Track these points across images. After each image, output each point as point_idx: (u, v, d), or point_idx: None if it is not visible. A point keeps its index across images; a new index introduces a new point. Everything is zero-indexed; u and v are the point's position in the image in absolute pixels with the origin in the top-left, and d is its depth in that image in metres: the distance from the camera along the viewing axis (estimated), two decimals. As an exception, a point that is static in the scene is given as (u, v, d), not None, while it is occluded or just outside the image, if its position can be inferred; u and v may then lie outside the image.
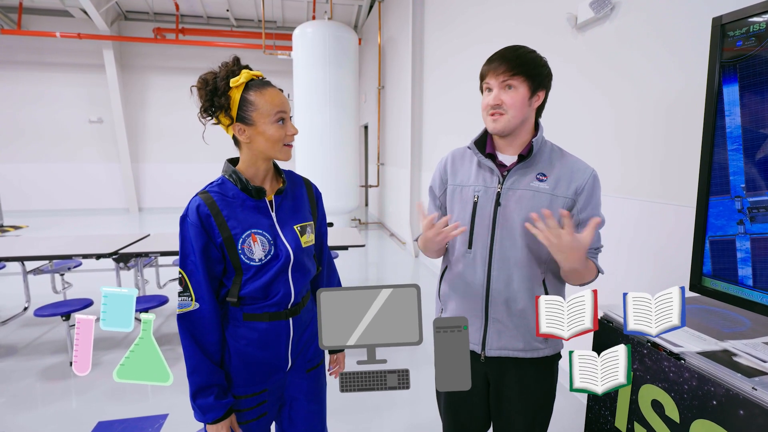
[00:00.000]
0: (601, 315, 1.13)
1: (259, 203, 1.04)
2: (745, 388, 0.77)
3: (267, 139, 0.99)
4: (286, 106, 1.02)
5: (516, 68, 0.99)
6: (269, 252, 1.02)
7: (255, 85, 0.99)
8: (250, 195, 1.03)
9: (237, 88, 0.98)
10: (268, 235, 1.02)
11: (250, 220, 1.01)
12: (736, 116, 0.97)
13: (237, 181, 1.03)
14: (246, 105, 0.98)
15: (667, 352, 0.92)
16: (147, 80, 9.21)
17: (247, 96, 0.98)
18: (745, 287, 0.98)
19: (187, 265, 0.98)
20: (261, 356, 1.05)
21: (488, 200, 1.07)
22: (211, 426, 1.00)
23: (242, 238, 0.99)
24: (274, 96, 1.00)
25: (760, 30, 0.91)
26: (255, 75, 1.02)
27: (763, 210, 0.92)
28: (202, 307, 0.98)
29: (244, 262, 1.00)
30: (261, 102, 0.98)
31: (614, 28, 2.00)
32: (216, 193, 1.01)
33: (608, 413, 1.09)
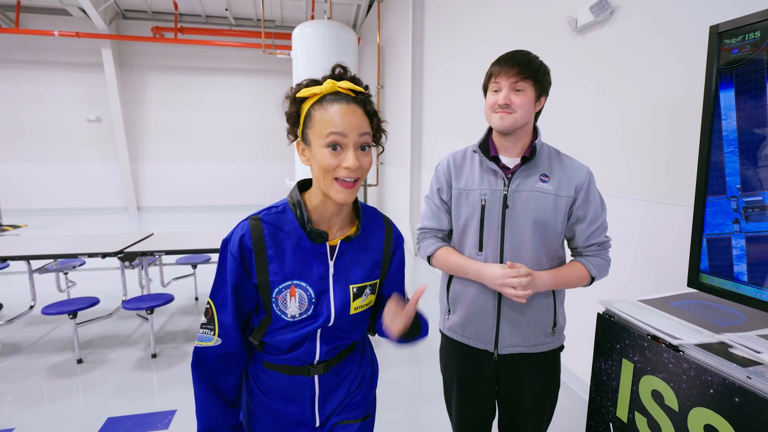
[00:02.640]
0: (603, 310, 1.17)
1: (318, 248, 0.86)
2: (740, 377, 0.82)
3: (318, 166, 0.80)
4: (348, 128, 0.78)
5: (526, 72, 1.04)
6: (306, 311, 0.86)
7: (330, 99, 0.80)
8: (309, 237, 0.85)
9: (309, 100, 0.81)
10: (312, 291, 0.86)
11: (297, 268, 0.85)
12: (732, 120, 1.01)
13: (298, 215, 0.85)
14: (307, 120, 0.81)
15: (667, 344, 0.96)
16: (146, 79, 9.21)
17: (311, 110, 0.80)
18: (741, 283, 1.02)
19: (218, 297, 0.87)
20: (283, 408, 0.93)
21: (495, 203, 1.11)
22: None
23: (279, 288, 0.85)
24: (338, 113, 0.78)
25: (755, 38, 0.95)
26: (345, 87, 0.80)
27: (757, 210, 0.97)
28: (225, 344, 0.86)
29: (276, 313, 0.86)
30: (320, 118, 0.79)
31: (614, 31, 2.05)
32: (269, 224, 0.85)
33: (610, 404, 1.13)
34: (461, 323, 1.20)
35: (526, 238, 1.11)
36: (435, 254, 1.20)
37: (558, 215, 1.12)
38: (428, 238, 1.24)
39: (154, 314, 2.79)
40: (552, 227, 1.12)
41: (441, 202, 1.20)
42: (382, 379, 2.32)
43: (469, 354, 1.20)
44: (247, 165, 9.84)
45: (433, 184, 1.21)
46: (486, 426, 1.28)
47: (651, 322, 1.05)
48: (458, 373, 1.24)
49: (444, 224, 1.22)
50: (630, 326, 1.07)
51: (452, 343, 1.24)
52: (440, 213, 1.21)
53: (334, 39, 6.17)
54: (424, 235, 1.25)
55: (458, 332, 1.21)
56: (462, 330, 1.20)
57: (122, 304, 2.73)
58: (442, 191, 1.19)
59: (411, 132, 5.40)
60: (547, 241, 1.14)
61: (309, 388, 0.93)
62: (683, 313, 1.12)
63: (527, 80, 1.05)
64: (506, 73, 1.05)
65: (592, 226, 1.15)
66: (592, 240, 1.16)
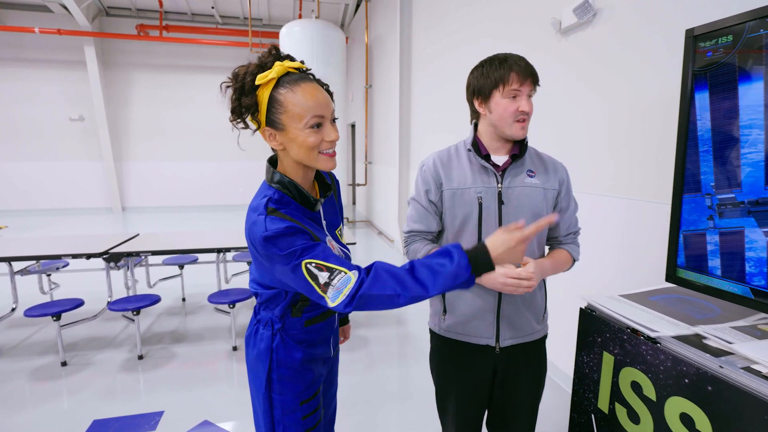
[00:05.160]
0: (585, 305, 1.20)
1: (315, 215, 0.95)
2: (713, 366, 0.85)
3: (300, 147, 0.85)
4: (325, 107, 0.85)
5: (536, 81, 1.08)
6: None
7: (288, 81, 0.83)
8: (309, 207, 0.92)
9: (266, 87, 0.83)
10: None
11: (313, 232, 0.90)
12: (707, 120, 1.05)
13: (295, 194, 0.90)
14: (274, 106, 0.83)
15: (645, 336, 1.00)
16: (130, 77, 9.07)
17: (276, 95, 0.83)
18: (715, 277, 1.07)
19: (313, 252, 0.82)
20: (318, 353, 1.05)
21: (492, 200, 1.12)
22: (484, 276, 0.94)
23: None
24: (308, 94, 0.83)
25: (728, 42, 0.99)
26: (292, 67, 0.84)
27: (730, 206, 1.01)
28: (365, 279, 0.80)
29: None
30: (291, 102, 0.82)
31: (597, 33, 2.09)
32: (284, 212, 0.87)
33: (591, 396, 1.17)
34: (461, 322, 1.19)
35: None
36: None
37: (548, 208, 1.17)
38: (417, 242, 1.22)
39: (141, 315, 2.76)
40: None
41: (429, 204, 1.19)
42: (372, 376, 2.30)
43: (471, 350, 1.21)
44: (234, 164, 9.75)
45: (420, 185, 1.19)
46: (480, 420, 1.30)
47: (630, 315, 1.08)
48: (458, 372, 1.23)
49: (432, 226, 1.20)
50: (610, 320, 1.11)
51: (450, 343, 1.23)
52: (428, 215, 1.19)
53: (322, 38, 6.16)
54: (412, 238, 1.23)
55: (458, 331, 1.20)
56: (462, 329, 1.20)
57: (108, 306, 2.70)
58: (430, 192, 1.17)
59: (399, 131, 5.42)
60: (540, 233, 1.18)
61: (333, 324, 1.10)
62: (661, 306, 1.15)
63: (535, 88, 1.09)
64: (529, 82, 1.07)
65: (573, 217, 1.23)
66: (572, 229, 1.25)
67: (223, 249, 2.95)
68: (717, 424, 0.84)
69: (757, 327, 1.00)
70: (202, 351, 2.84)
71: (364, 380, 2.50)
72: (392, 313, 3.57)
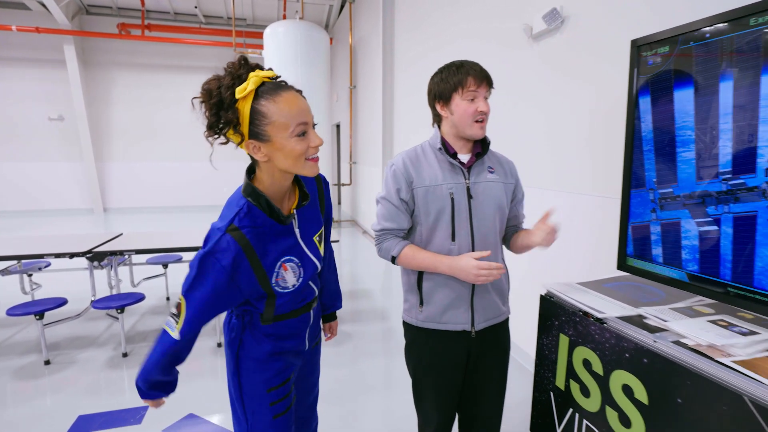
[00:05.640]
0: (545, 292, 1.31)
1: (285, 227, 0.97)
2: (648, 341, 0.96)
3: (287, 156, 0.86)
4: (307, 114, 0.87)
5: (491, 84, 1.18)
6: (300, 275, 0.99)
7: (267, 92, 0.83)
8: (279, 222, 0.94)
9: (245, 100, 0.82)
10: (296, 259, 0.99)
11: (279, 249, 0.95)
12: (649, 122, 1.16)
13: (266, 209, 0.91)
14: (258, 118, 0.83)
15: (594, 318, 1.10)
16: (111, 77, 8.96)
17: (258, 107, 0.83)
18: (657, 264, 1.18)
19: (190, 300, 0.90)
20: (289, 346, 1.09)
21: (462, 195, 1.21)
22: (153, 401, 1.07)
23: (275, 272, 0.94)
24: (291, 103, 0.84)
25: (665, 51, 1.10)
26: (266, 76, 0.84)
27: (669, 200, 1.12)
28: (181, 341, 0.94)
29: (278, 291, 0.97)
30: (276, 112, 0.83)
31: (565, 39, 2.21)
32: (247, 228, 0.89)
33: (550, 375, 1.27)
34: (439, 312, 1.26)
35: (490, 223, 1.23)
36: (401, 254, 1.24)
37: (508, 200, 1.29)
38: (390, 239, 1.28)
39: (125, 314, 2.79)
40: (505, 210, 1.28)
41: (400, 202, 1.24)
42: (355, 369, 2.37)
43: (448, 337, 1.28)
44: (218, 164, 9.70)
45: (390, 185, 1.24)
46: (455, 404, 1.37)
47: (583, 300, 1.19)
48: (436, 359, 1.30)
49: (404, 224, 1.26)
50: (566, 305, 1.21)
51: (428, 333, 1.29)
52: (399, 213, 1.25)
53: (306, 39, 6.21)
54: (384, 236, 1.29)
55: (436, 320, 1.27)
56: (440, 318, 1.26)
57: (92, 304, 2.72)
58: (401, 191, 1.23)
59: (383, 131, 5.51)
60: (502, 222, 1.29)
61: (307, 321, 1.12)
62: (613, 292, 1.26)
63: (491, 90, 1.19)
64: (485, 85, 1.16)
65: (523, 204, 1.39)
66: (524, 214, 1.40)
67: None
68: (652, 392, 0.94)
69: (692, 308, 1.12)
70: (186, 348, 2.88)
71: (348, 373, 2.57)
72: (376, 309, 3.65)
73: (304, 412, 1.27)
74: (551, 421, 1.27)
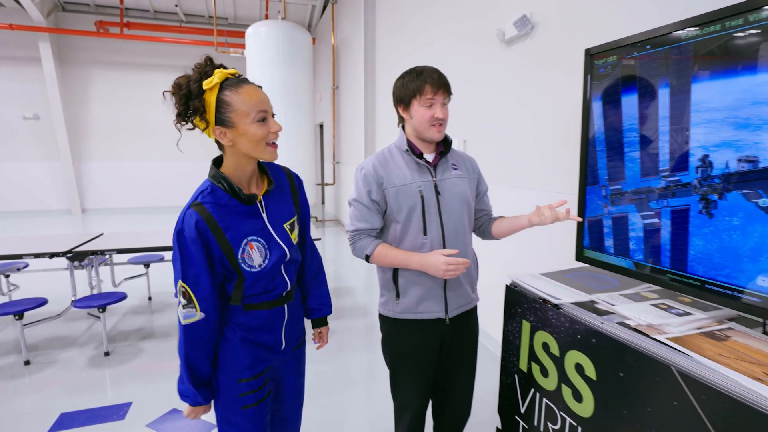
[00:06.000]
0: (510, 282, 1.41)
1: (250, 208, 1.05)
2: (596, 323, 1.06)
3: (249, 140, 0.97)
4: (267, 103, 0.99)
5: (449, 91, 1.26)
6: (266, 256, 1.06)
7: (230, 85, 0.96)
8: (242, 202, 1.02)
9: (211, 90, 0.95)
10: (263, 240, 1.06)
11: (245, 227, 1.03)
12: (601, 125, 1.27)
13: (228, 189, 1.01)
14: (223, 106, 0.95)
15: (551, 304, 1.20)
16: (89, 75, 8.80)
17: (223, 97, 0.95)
18: (609, 254, 1.29)
19: (189, 278, 0.98)
20: (262, 339, 1.12)
21: (430, 192, 1.30)
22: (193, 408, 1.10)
23: (241, 248, 1.01)
24: (252, 94, 0.96)
25: (613, 61, 1.21)
26: (229, 73, 0.98)
27: (618, 195, 1.23)
28: (208, 316, 1.01)
29: (245, 269, 1.03)
30: (238, 101, 0.95)
31: (534, 45, 2.33)
32: (209, 203, 0.99)
33: (515, 359, 1.37)
34: (416, 303, 1.34)
35: (458, 216, 1.32)
36: (374, 253, 1.31)
37: (472, 193, 1.38)
38: (363, 239, 1.35)
39: (106, 314, 2.79)
40: (471, 203, 1.37)
41: (372, 203, 1.30)
42: (339, 363, 2.42)
43: (424, 326, 1.36)
44: (200, 164, 9.62)
45: (361, 187, 1.31)
46: (430, 389, 1.46)
47: (543, 288, 1.29)
48: (413, 348, 1.38)
49: (376, 223, 1.34)
50: (528, 293, 1.31)
51: (405, 323, 1.37)
52: (371, 213, 1.32)
53: (288, 39, 6.23)
54: (358, 236, 1.35)
55: (412, 311, 1.35)
56: (416, 308, 1.34)
57: (73, 303, 2.72)
58: (371, 192, 1.30)
59: (365, 132, 5.58)
60: (470, 215, 1.38)
61: (281, 316, 1.15)
62: (572, 281, 1.37)
63: (450, 97, 1.27)
64: (442, 92, 1.24)
65: (488, 196, 1.48)
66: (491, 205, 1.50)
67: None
68: (600, 368, 1.04)
69: (640, 294, 1.23)
70: (170, 346, 2.90)
71: (331, 367, 2.64)
72: (359, 305, 3.73)
73: (287, 413, 1.29)
74: (516, 402, 1.37)
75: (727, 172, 0.95)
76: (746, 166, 0.91)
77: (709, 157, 0.98)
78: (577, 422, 1.12)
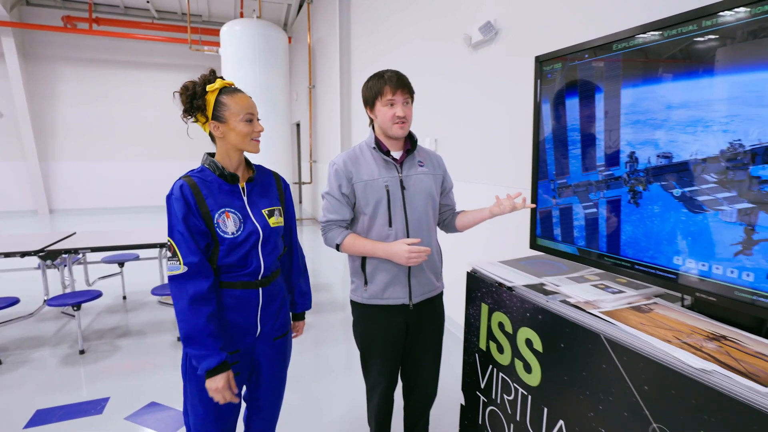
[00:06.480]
0: (471, 269, 1.53)
1: (233, 187, 1.23)
2: (542, 302, 1.19)
3: (237, 134, 1.19)
4: (254, 108, 1.22)
5: (411, 91, 1.37)
6: (240, 228, 1.20)
7: (227, 91, 1.19)
8: (226, 180, 1.21)
9: (212, 93, 1.18)
10: (239, 214, 1.21)
11: (224, 201, 1.20)
12: (549, 125, 1.41)
13: (215, 169, 1.21)
14: (220, 106, 1.18)
15: (506, 287, 1.33)
16: (56, 72, 8.55)
17: (220, 99, 1.18)
18: (557, 242, 1.43)
19: (174, 234, 1.14)
20: (234, 319, 1.22)
21: (396, 187, 1.40)
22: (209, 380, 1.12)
23: (218, 213, 1.17)
24: (243, 99, 1.20)
25: (558, 68, 1.35)
26: (227, 83, 1.22)
27: (564, 188, 1.37)
28: (190, 268, 1.12)
29: (220, 235, 1.17)
30: (232, 104, 1.18)
31: (498, 49, 2.47)
32: (197, 177, 1.19)
33: (475, 339, 1.49)
34: (381, 289, 1.44)
35: (422, 209, 1.43)
36: (343, 242, 1.42)
37: (437, 189, 1.49)
38: (334, 229, 1.45)
39: (81, 313, 2.79)
40: (435, 198, 1.48)
41: (342, 196, 1.40)
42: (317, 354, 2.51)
43: (390, 311, 1.46)
44: (173, 164, 9.48)
45: (333, 181, 1.41)
46: (398, 368, 1.57)
47: (499, 273, 1.42)
48: (380, 330, 1.48)
49: (346, 215, 1.44)
50: (486, 278, 1.43)
51: (372, 309, 1.47)
52: (341, 206, 1.43)
53: (264, 38, 6.23)
54: (329, 226, 1.45)
55: (379, 297, 1.45)
56: (382, 294, 1.45)
57: (46, 302, 2.71)
58: (342, 186, 1.41)
59: (341, 130, 5.66)
60: (434, 209, 1.49)
61: (255, 299, 1.26)
62: (526, 267, 1.50)
63: (411, 96, 1.37)
64: (401, 92, 1.35)
65: (453, 192, 1.58)
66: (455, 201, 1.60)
67: (165, 244, 3.03)
68: (545, 341, 1.18)
69: (584, 276, 1.37)
70: (146, 343, 2.92)
71: (310, 358, 2.73)
72: (336, 300, 3.82)
73: (264, 402, 1.38)
74: (477, 379, 1.50)
75: (648, 166, 1.09)
76: (663, 161, 1.06)
77: (635, 154, 1.13)
78: (527, 391, 1.25)
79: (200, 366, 1.12)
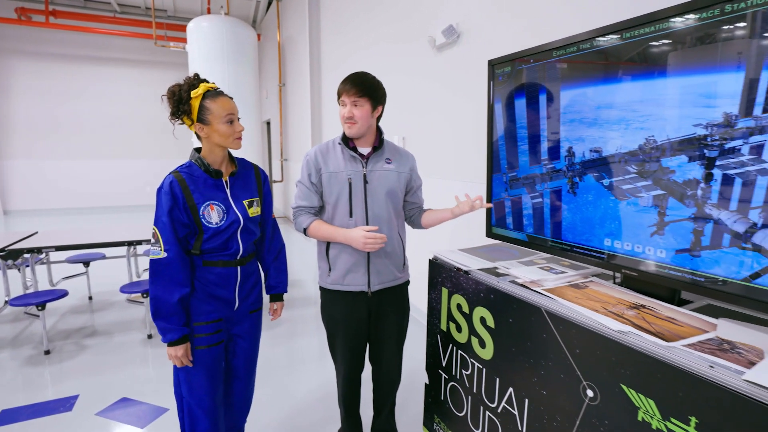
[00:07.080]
0: (432, 257, 1.65)
1: (217, 182, 1.38)
2: (494, 282, 1.32)
3: (220, 135, 1.34)
4: (234, 110, 1.36)
5: (362, 92, 1.43)
6: (223, 218, 1.36)
7: (210, 95, 1.32)
8: (211, 175, 1.36)
9: (196, 98, 1.30)
10: (223, 206, 1.37)
11: (209, 194, 1.35)
12: (501, 123, 1.54)
13: (201, 165, 1.36)
14: (203, 110, 1.31)
15: (463, 271, 1.45)
16: (10, 66, 8.15)
17: (204, 103, 1.31)
18: (510, 230, 1.56)
19: (159, 224, 1.29)
20: (216, 292, 1.40)
21: (359, 180, 1.50)
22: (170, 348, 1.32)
23: (203, 206, 1.33)
24: (225, 103, 1.33)
25: (507, 71, 1.48)
26: (210, 87, 1.33)
27: (515, 181, 1.51)
28: (170, 255, 1.29)
29: (205, 225, 1.33)
30: (215, 107, 1.31)
31: (461, 51, 2.61)
32: (185, 172, 1.34)
33: (437, 321, 1.61)
34: (342, 275, 1.54)
35: (382, 204, 1.53)
36: (309, 227, 1.53)
37: (401, 186, 1.58)
38: (303, 215, 1.55)
39: (45, 313, 2.74)
40: (398, 195, 1.58)
41: (311, 184, 1.53)
42: (291, 346, 2.56)
43: (350, 297, 1.56)
44: (139, 162, 9.23)
45: (304, 171, 1.54)
46: (363, 351, 1.67)
47: (458, 260, 1.54)
48: (343, 314, 1.58)
49: (314, 202, 1.54)
50: (446, 264, 1.55)
51: (335, 294, 1.58)
52: (311, 193, 1.54)
53: (232, 35, 6.17)
54: (299, 212, 1.56)
55: (340, 283, 1.55)
56: (343, 280, 1.55)
57: (9, 301, 2.65)
58: (311, 176, 1.52)
59: (312, 128, 5.70)
60: (395, 205, 1.58)
61: (234, 276, 1.44)
62: (483, 254, 1.63)
63: (363, 98, 1.45)
64: (348, 93, 1.44)
65: (422, 190, 1.67)
66: (423, 198, 1.69)
67: (134, 242, 3.01)
68: (497, 318, 1.30)
69: (533, 260, 1.52)
70: (114, 342, 2.89)
71: (282, 350, 2.78)
72: (309, 296, 3.88)
73: (242, 372, 1.56)
74: (439, 358, 1.62)
75: (583, 160, 1.24)
76: (594, 155, 1.20)
77: (572, 149, 1.27)
78: (482, 365, 1.38)
79: (164, 337, 1.31)
